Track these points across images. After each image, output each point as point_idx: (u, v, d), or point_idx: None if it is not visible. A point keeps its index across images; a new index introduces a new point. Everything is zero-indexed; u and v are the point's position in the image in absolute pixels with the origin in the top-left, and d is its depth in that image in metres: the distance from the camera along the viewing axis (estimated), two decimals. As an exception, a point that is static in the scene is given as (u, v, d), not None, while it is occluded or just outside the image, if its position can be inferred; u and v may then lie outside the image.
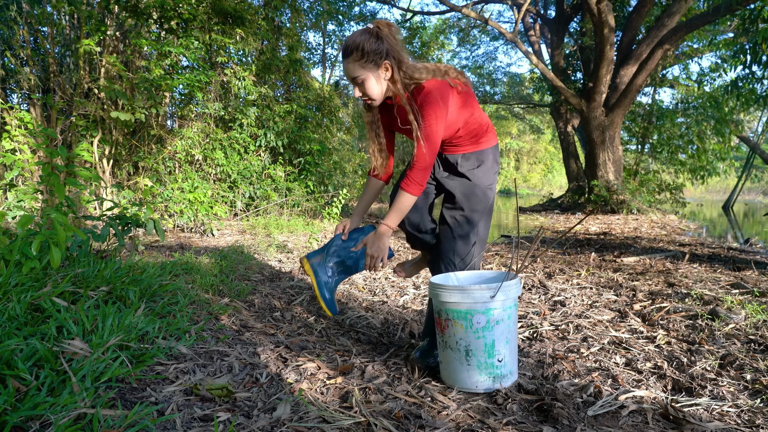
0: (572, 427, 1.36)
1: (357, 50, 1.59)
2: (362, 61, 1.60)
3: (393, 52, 1.62)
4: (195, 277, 2.75)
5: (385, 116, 1.83)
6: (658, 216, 9.11)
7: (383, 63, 1.61)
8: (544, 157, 37.88)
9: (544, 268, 3.85)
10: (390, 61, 1.62)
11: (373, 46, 1.59)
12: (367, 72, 1.62)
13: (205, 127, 6.52)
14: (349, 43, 1.60)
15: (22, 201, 4.00)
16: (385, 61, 1.61)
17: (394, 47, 1.62)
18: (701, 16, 8.59)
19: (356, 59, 1.60)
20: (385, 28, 1.63)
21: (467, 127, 1.76)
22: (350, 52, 1.60)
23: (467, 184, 1.82)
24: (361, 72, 1.62)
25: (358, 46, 1.59)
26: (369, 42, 1.59)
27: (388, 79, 1.64)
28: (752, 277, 3.38)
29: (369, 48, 1.59)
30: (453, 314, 1.60)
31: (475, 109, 1.77)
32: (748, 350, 1.95)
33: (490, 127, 1.86)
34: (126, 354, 1.52)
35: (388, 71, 1.64)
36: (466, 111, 1.73)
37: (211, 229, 5.16)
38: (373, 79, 1.63)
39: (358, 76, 1.63)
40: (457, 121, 1.72)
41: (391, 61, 1.62)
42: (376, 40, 1.59)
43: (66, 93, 5.65)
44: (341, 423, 1.34)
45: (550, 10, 14.60)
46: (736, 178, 15.40)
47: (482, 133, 1.81)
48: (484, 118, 1.83)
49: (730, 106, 10.61)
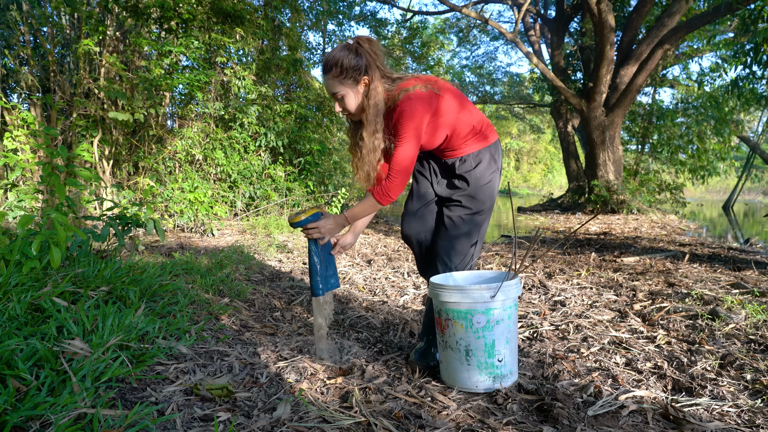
0: (572, 427, 1.36)
1: (336, 66, 1.61)
2: (341, 77, 1.62)
3: (371, 68, 1.63)
4: (195, 277, 2.75)
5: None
6: (658, 216, 9.11)
7: (362, 79, 1.63)
8: (544, 157, 37.87)
9: (544, 268, 3.85)
10: (368, 77, 1.64)
11: (353, 63, 1.61)
12: (346, 88, 1.64)
13: (205, 126, 6.52)
14: (329, 59, 1.62)
15: (22, 201, 4.00)
16: (364, 76, 1.63)
17: (372, 63, 1.64)
18: (701, 16, 8.59)
19: (335, 75, 1.62)
20: (366, 43, 1.65)
21: (460, 130, 1.75)
22: (330, 68, 1.62)
23: (464, 185, 1.82)
24: (340, 88, 1.64)
25: (338, 62, 1.60)
26: (348, 58, 1.61)
27: (366, 95, 1.66)
28: (752, 277, 3.38)
29: (348, 64, 1.61)
30: (453, 314, 1.60)
31: (467, 112, 1.76)
32: (748, 350, 1.95)
33: (486, 126, 1.84)
34: (126, 354, 1.52)
35: (366, 86, 1.65)
36: (454, 115, 1.72)
37: (211, 229, 5.16)
38: (352, 94, 1.66)
39: (337, 92, 1.65)
40: (448, 128, 1.72)
41: (370, 76, 1.64)
42: (355, 56, 1.61)
43: (66, 93, 5.65)
44: (341, 423, 1.35)
45: (550, 10, 14.60)
46: (736, 178, 15.40)
47: (477, 133, 1.81)
48: (479, 119, 1.81)
49: (730, 106, 10.61)
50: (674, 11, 9.24)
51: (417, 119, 1.61)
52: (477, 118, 1.80)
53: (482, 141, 1.82)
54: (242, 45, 6.83)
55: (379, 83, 1.65)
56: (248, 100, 6.89)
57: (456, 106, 1.72)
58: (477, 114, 1.81)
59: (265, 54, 7.61)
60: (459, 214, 1.83)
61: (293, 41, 8.22)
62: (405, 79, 1.69)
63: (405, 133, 1.61)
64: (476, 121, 1.79)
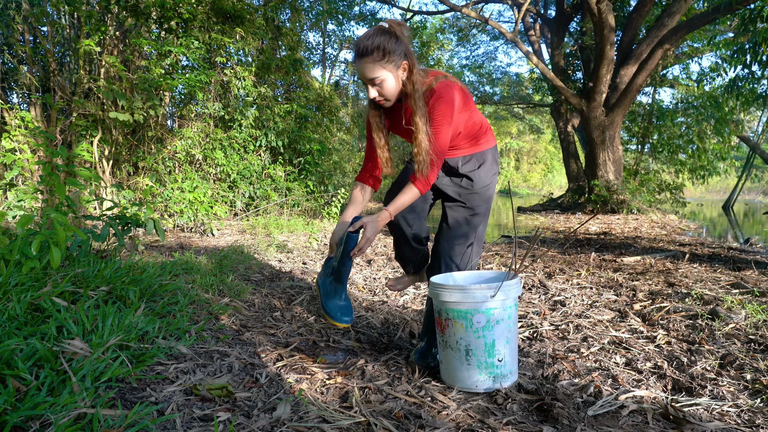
0: (572, 427, 1.36)
1: (378, 50, 1.55)
2: (383, 62, 1.56)
3: (409, 53, 1.60)
4: (195, 277, 2.75)
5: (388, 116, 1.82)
6: (658, 216, 9.11)
7: (402, 63, 1.59)
8: (544, 157, 37.87)
9: (544, 268, 3.85)
10: (408, 62, 1.60)
11: (393, 46, 1.56)
12: (388, 72, 1.58)
13: (205, 126, 6.52)
14: (368, 43, 1.55)
15: (22, 201, 4.00)
16: (404, 61, 1.59)
17: (408, 48, 1.61)
18: (701, 16, 8.59)
19: (377, 59, 1.56)
20: (399, 27, 1.59)
21: (467, 129, 1.77)
22: (370, 51, 1.55)
23: (468, 184, 1.82)
24: (381, 72, 1.58)
25: (379, 46, 1.54)
26: (389, 42, 1.55)
27: (406, 79, 1.62)
28: (752, 276, 3.38)
29: (390, 48, 1.55)
30: (453, 314, 1.60)
31: (474, 111, 1.77)
32: (748, 350, 1.95)
33: (488, 128, 1.86)
34: (126, 354, 1.52)
35: (406, 71, 1.61)
36: (466, 113, 1.73)
37: (211, 228, 5.16)
38: (393, 79, 1.60)
39: (377, 77, 1.59)
40: (459, 124, 1.73)
41: (409, 61, 1.60)
42: (396, 40, 1.56)
43: (66, 93, 5.65)
44: (341, 423, 1.34)
45: (550, 10, 14.60)
46: (736, 178, 15.40)
47: (481, 134, 1.82)
48: (482, 120, 1.83)
49: (730, 106, 10.61)
50: (674, 11, 9.24)
51: (452, 106, 1.61)
52: (481, 119, 1.82)
53: (486, 142, 1.83)
54: (242, 45, 6.83)
55: (416, 68, 1.62)
56: (247, 102, 6.89)
57: (469, 103, 1.74)
58: (481, 115, 1.82)
59: (265, 54, 7.61)
60: (461, 215, 1.83)
61: (293, 41, 8.22)
62: (429, 70, 1.69)
63: (443, 119, 1.60)
64: (482, 122, 1.81)
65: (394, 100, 1.67)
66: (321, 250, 4.55)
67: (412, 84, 1.61)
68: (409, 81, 1.62)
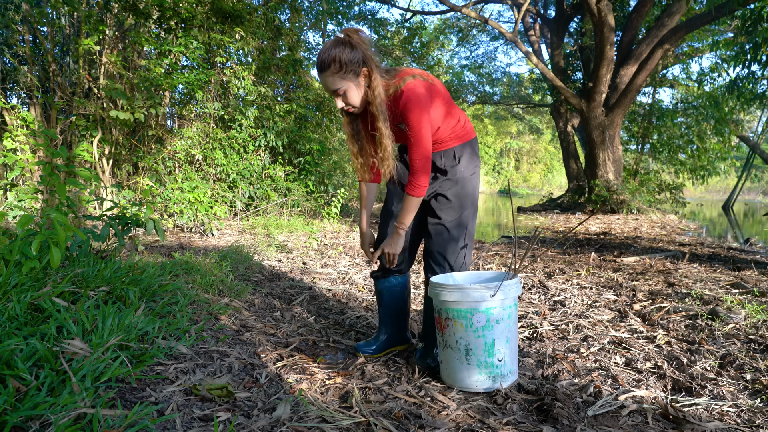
0: (572, 427, 1.36)
1: (335, 62, 1.58)
2: (341, 73, 1.59)
3: (368, 59, 1.62)
4: (195, 277, 2.75)
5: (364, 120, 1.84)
6: (658, 216, 9.11)
7: (362, 71, 1.62)
8: (544, 157, 37.87)
9: (544, 268, 3.85)
10: (367, 68, 1.62)
11: (350, 56, 1.58)
12: (348, 82, 1.61)
13: (205, 126, 6.52)
14: (325, 57, 1.58)
15: (22, 201, 4.00)
16: (363, 68, 1.61)
17: (368, 54, 1.62)
18: (701, 16, 8.59)
19: (335, 72, 1.59)
20: (355, 35, 1.62)
21: (445, 123, 1.78)
22: (327, 65, 1.58)
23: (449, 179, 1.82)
24: (341, 83, 1.61)
25: (335, 58, 1.57)
26: (345, 53, 1.58)
27: (368, 86, 1.64)
28: (752, 276, 3.38)
29: (346, 58, 1.58)
30: (453, 313, 1.60)
31: (451, 106, 1.79)
32: (748, 350, 1.95)
33: (466, 121, 1.87)
34: (126, 354, 1.52)
35: (367, 78, 1.63)
36: (442, 108, 1.74)
37: (211, 229, 5.16)
38: (354, 88, 1.63)
39: (339, 88, 1.62)
40: (437, 120, 1.73)
41: (368, 67, 1.62)
42: (351, 50, 1.59)
43: (66, 93, 5.65)
44: (341, 423, 1.34)
45: (550, 10, 14.59)
46: (736, 178, 15.40)
47: (459, 128, 1.83)
48: (460, 114, 1.84)
49: (730, 106, 10.61)
50: (674, 11, 9.24)
51: (424, 107, 1.61)
52: (459, 113, 1.83)
53: (464, 136, 1.84)
54: (242, 45, 6.83)
55: (377, 73, 1.64)
56: (247, 101, 6.89)
57: (447, 100, 1.75)
58: (459, 109, 1.84)
59: (264, 54, 7.60)
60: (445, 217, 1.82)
61: (293, 41, 8.22)
62: (398, 70, 1.70)
63: (418, 122, 1.61)
64: (460, 116, 1.83)
65: (362, 105, 1.69)
66: (321, 250, 4.55)
67: (372, 91, 1.63)
68: (369, 88, 1.64)
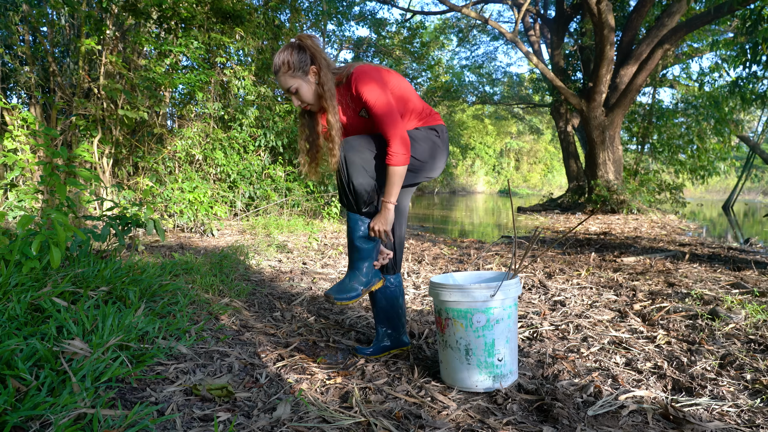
0: (572, 427, 1.36)
1: (284, 64, 1.73)
2: (291, 72, 1.73)
3: (317, 58, 1.74)
4: (195, 277, 2.75)
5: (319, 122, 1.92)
6: (658, 216, 9.11)
7: (310, 68, 1.74)
8: (544, 157, 37.88)
9: (544, 268, 3.85)
10: (315, 66, 1.74)
11: (298, 57, 1.73)
12: (298, 80, 1.74)
13: (205, 126, 6.52)
14: (277, 60, 1.74)
15: (22, 201, 4.00)
16: (312, 66, 1.74)
17: (317, 54, 1.74)
18: (701, 16, 8.59)
19: (285, 72, 1.73)
20: (307, 39, 1.76)
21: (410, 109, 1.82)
22: (279, 67, 1.74)
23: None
24: (292, 82, 1.74)
25: (284, 60, 1.73)
26: (293, 54, 1.73)
27: (318, 82, 1.75)
28: (752, 276, 3.38)
29: (294, 59, 1.72)
30: (453, 313, 1.60)
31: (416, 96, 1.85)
32: (748, 350, 1.95)
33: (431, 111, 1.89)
34: (126, 354, 1.52)
35: (316, 75, 1.75)
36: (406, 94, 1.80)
37: (211, 229, 5.16)
38: (305, 85, 1.75)
39: (291, 86, 1.75)
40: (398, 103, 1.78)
41: (317, 65, 1.74)
42: (299, 51, 1.73)
43: (66, 93, 5.65)
44: (341, 423, 1.35)
45: (550, 10, 14.60)
46: (736, 178, 15.40)
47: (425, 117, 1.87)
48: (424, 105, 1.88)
49: (730, 106, 10.61)
50: (674, 11, 9.24)
51: (375, 78, 1.71)
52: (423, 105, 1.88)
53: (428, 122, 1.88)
54: (242, 45, 6.83)
55: (327, 70, 1.75)
56: (247, 101, 6.89)
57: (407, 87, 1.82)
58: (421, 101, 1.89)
59: (264, 54, 7.61)
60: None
61: (293, 41, 8.20)
62: (351, 64, 1.80)
63: (371, 93, 1.69)
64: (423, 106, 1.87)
65: (316, 101, 1.79)
66: (321, 251, 4.55)
67: (321, 86, 1.75)
68: (318, 84, 1.76)
